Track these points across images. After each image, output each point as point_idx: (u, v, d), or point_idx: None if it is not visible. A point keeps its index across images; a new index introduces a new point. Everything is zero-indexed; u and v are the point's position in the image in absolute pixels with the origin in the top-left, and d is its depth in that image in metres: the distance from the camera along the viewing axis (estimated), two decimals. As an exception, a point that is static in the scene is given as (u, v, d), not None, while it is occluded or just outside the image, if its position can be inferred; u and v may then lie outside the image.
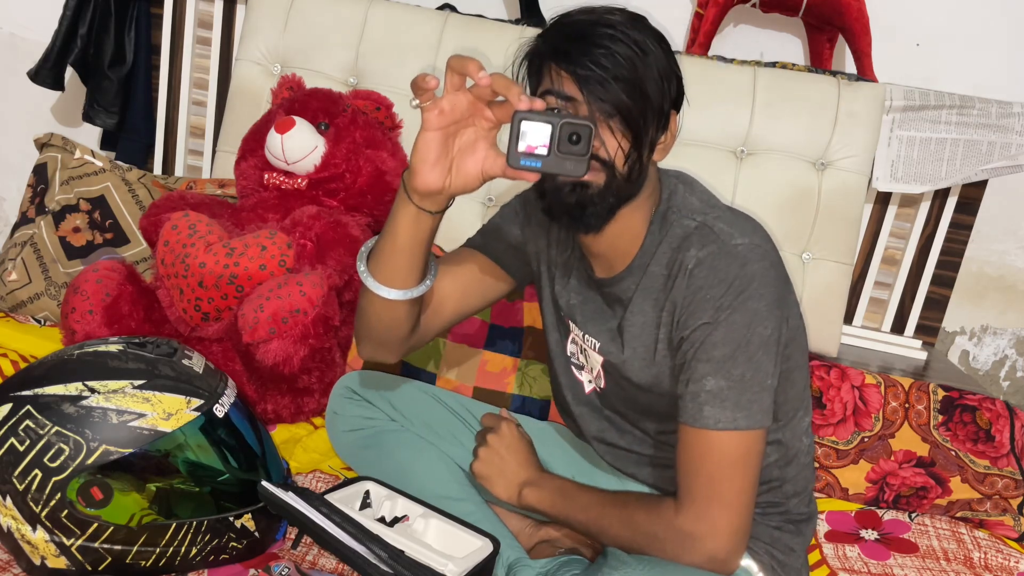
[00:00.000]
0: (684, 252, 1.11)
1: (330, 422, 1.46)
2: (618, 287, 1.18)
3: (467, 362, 1.67)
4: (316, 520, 1.14)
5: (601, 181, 1.07)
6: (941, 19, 2.03)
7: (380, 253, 1.12)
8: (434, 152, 1.00)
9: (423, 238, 1.09)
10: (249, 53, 2.03)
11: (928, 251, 2.05)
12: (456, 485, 1.35)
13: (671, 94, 1.09)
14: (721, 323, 1.07)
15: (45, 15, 2.10)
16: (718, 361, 1.07)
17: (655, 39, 1.08)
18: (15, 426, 1.11)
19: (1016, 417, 1.62)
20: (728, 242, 1.09)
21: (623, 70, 1.03)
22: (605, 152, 1.06)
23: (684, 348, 1.10)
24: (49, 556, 1.13)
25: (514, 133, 0.95)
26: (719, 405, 1.07)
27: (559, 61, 1.06)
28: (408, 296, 1.13)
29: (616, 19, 1.07)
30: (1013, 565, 1.46)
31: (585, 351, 1.26)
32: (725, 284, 1.07)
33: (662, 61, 1.07)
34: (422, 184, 1.02)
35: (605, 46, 1.04)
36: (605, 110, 1.04)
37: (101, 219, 1.81)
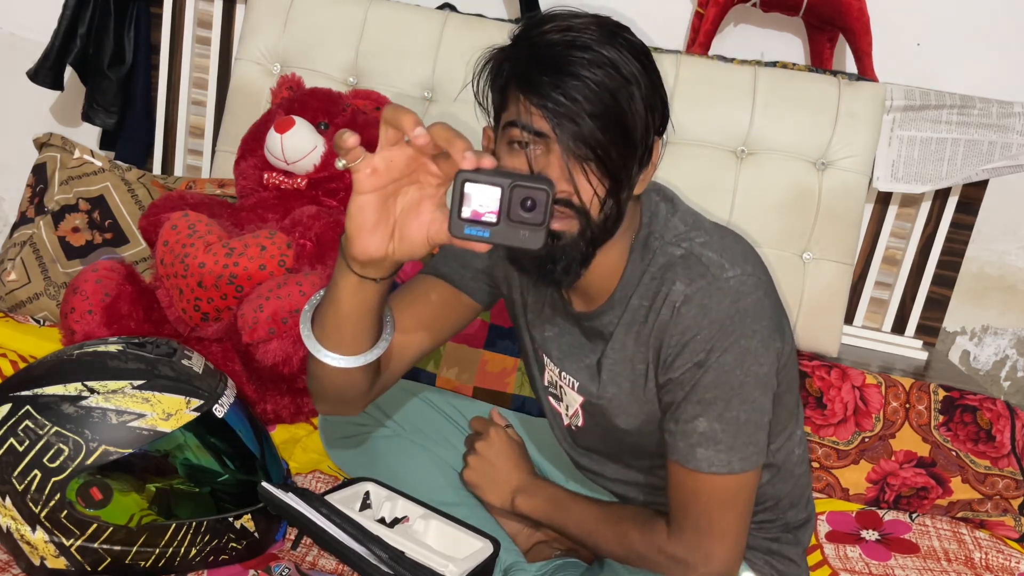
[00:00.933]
0: (669, 285, 1.02)
1: (323, 429, 1.45)
2: (598, 321, 1.09)
3: (467, 362, 1.66)
4: (316, 521, 1.14)
5: (574, 230, 0.96)
6: (941, 19, 2.03)
7: (323, 320, 0.99)
8: (371, 217, 0.86)
9: (370, 306, 0.96)
10: (249, 53, 2.02)
11: (929, 251, 2.05)
12: (451, 490, 1.34)
13: (655, 123, 0.98)
14: (712, 365, 1.00)
15: (45, 15, 2.09)
16: (710, 403, 1.01)
17: (637, 57, 0.95)
18: (14, 426, 1.11)
19: (1017, 417, 1.62)
20: (719, 276, 1.00)
21: (601, 104, 0.92)
22: (578, 199, 0.95)
23: (672, 388, 1.04)
24: (48, 556, 1.13)
25: (456, 196, 0.80)
26: (712, 448, 1.02)
27: (527, 92, 0.93)
28: (359, 363, 1.00)
29: (592, 37, 0.93)
30: (1014, 565, 1.46)
31: (562, 388, 1.18)
32: (716, 324, 0.99)
33: (646, 87, 0.95)
34: (361, 253, 0.88)
35: (580, 76, 0.91)
36: (579, 153, 0.93)
37: (100, 219, 1.81)
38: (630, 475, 1.21)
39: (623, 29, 0.97)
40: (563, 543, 1.37)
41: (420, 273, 1.21)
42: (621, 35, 0.96)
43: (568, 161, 0.93)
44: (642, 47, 0.97)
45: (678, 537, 1.07)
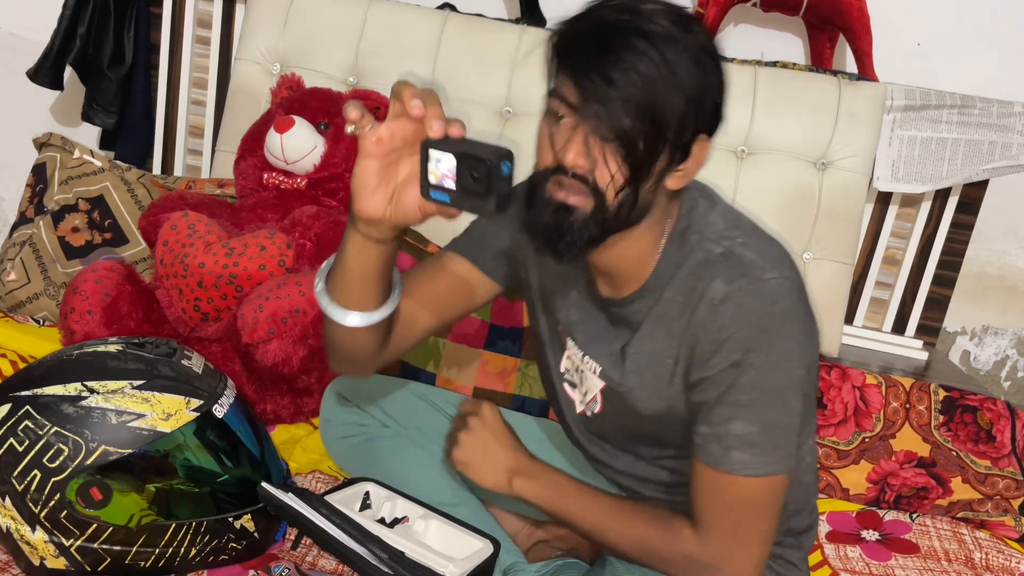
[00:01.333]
0: (708, 283, 1.01)
1: (323, 429, 1.44)
2: (627, 309, 1.09)
3: (467, 362, 1.66)
4: (316, 521, 1.14)
5: (587, 208, 0.96)
6: (942, 19, 2.03)
7: (335, 277, 1.04)
8: (372, 180, 0.92)
9: (374, 266, 1.00)
10: (248, 52, 2.02)
11: (929, 251, 2.04)
12: (450, 491, 1.34)
13: (697, 121, 0.96)
14: (750, 366, 0.99)
15: (45, 15, 2.09)
16: (746, 406, 1.00)
17: (695, 53, 0.94)
18: (14, 426, 1.11)
19: (1017, 417, 1.62)
20: (759, 276, 1.00)
21: (635, 91, 0.91)
22: (595, 179, 0.95)
23: (706, 388, 1.02)
24: (48, 557, 1.13)
25: (422, 162, 0.88)
26: (748, 451, 1.01)
27: (567, 64, 0.95)
28: (364, 322, 1.04)
29: (656, 28, 0.92)
30: (1014, 566, 1.46)
31: (582, 372, 1.18)
32: (754, 325, 0.99)
33: (695, 85, 0.94)
34: (361, 211, 0.94)
35: (623, 59, 0.91)
36: (601, 133, 0.93)
37: (100, 219, 1.81)
38: (639, 468, 1.20)
39: (691, 21, 0.96)
40: (564, 543, 1.37)
41: (443, 250, 1.24)
42: (687, 27, 0.94)
43: (589, 139, 0.94)
44: (707, 45, 0.96)
45: (707, 540, 1.05)
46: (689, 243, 1.04)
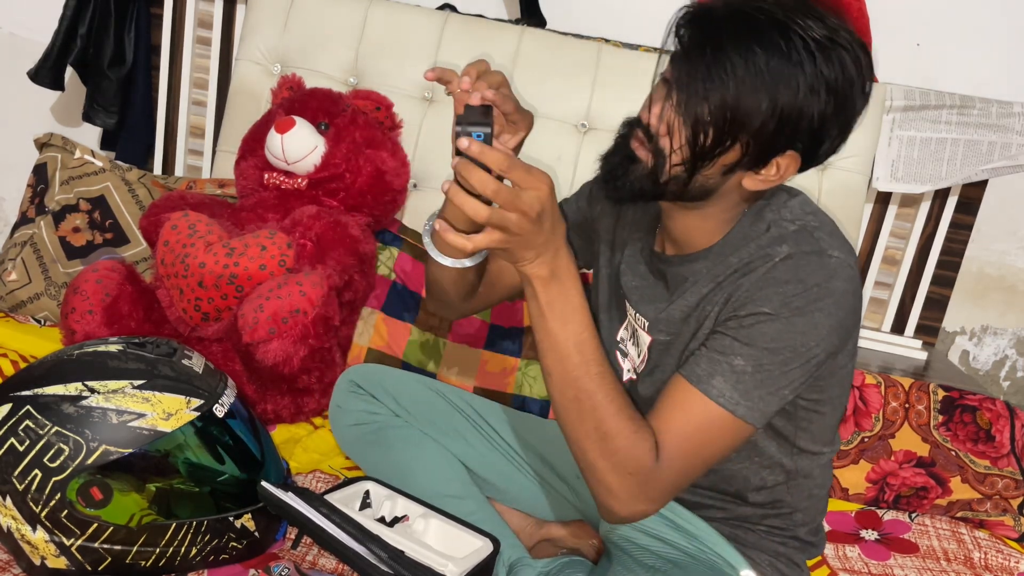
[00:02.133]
0: (774, 247, 1.04)
1: (333, 416, 1.45)
2: (687, 268, 1.12)
3: (467, 362, 1.67)
4: (316, 520, 1.14)
5: (648, 164, 1.03)
6: (941, 19, 2.03)
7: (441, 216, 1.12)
8: None
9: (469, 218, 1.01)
10: (249, 53, 2.03)
11: (928, 251, 2.05)
12: (458, 483, 1.34)
13: (787, 138, 0.99)
14: (781, 319, 1.01)
15: (45, 15, 2.09)
16: (758, 348, 1.01)
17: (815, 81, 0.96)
18: (15, 426, 1.11)
19: (1016, 417, 1.62)
20: (825, 250, 1.03)
21: (723, 89, 0.96)
22: (660, 142, 1.01)
23: (729, 323, 1.04)
24: (49, 556, 1.13)
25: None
26: (731, 383, 1.02)
27: (678, 37, 1.00)
28: (456, 265, 1.12)
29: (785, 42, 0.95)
30: (1013, 565, 1.46)
31: (636, 333, 1.19)
32: (803, 285, 1.01)
33: (795, 103, 0.96)
34: None
35: (730, 58, 0.95)
36: (678, 108, 0.99)
37: (101, 219, 1.81)
38: None
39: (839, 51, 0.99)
40: (567, 542, 1.38)
41: None
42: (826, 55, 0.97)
43: (667, 107, 1.00)
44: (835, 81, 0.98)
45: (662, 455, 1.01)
46: (765, 219, 1.08)
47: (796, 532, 1.20)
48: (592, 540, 1.36)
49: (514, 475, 1.38)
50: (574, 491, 1.36)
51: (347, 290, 1.61)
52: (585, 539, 1.37)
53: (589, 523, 1.38)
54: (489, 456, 1.38)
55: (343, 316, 1.59)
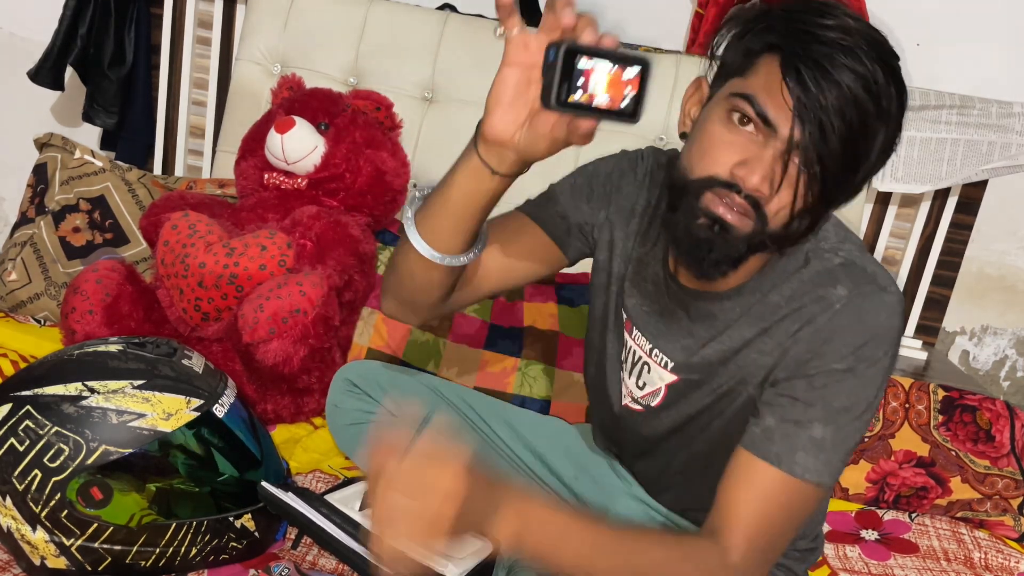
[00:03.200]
0: (827, 288, 0.96)
1: (330, 415, 1.44)
2: (716, 305, 1.03)
3: (467, 362, 1.67)
4: (316, 521, 1.14)
5: (747, 229, 0.91)
6: (941, 19, 2.03)
7: (430, 204, 0.97)
8: (509, 93, 0.84)
9: (480, 201, 0.94)
10: (249, 53, 2.03)
11: (928, 251, 2.05)
12: None
13: (877, 167, 0.92)
14: (856, 374, 0.95)
15: (45, 15, 2.09)
16: (835, 411, 0.95)
17: (900, 96, 0.90)
18: (15, 426, 1.11)
19: (1016, 417, 1.62)
20: (884, 287, 0.97)
21: (850, 122, 0.86)
22: (772, 204, 0.90)
23: (796, 385, 0.97)
24: (49, 556, 1.13)
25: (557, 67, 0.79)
26: (815, 454, 0.95)
27: (787, 77, 0.86)
28: (447, 262, 0.99)
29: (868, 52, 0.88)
30: (1013, 565, 1.46)
31: (646, 365, 1.12)
32: (871, 333, 0.95)
33: (893, 127, 0.90)
34: (490, 128, 0.86)
35: (844, 83, 0.86)
36: (809, 163, 0.87)
37: (101, 219, 1.81)
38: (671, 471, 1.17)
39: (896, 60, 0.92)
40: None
41: (516, 210, 1.17)
42: (893, 66, 0.90)
43: (787, 163, 0.88)
44: (905, 91, 0.91)
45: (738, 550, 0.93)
46: (802, 250, 1.00)
47: (795, 544, 1.19)
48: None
49: (511, 475, 1.38)
50: (571, 491, 1.35)
51: (347, 290, 1.61)
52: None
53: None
54: (485, 455, 1.37)
55: (343, 316, 1.59)
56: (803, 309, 0.98)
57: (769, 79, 0.88)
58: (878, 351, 0.95)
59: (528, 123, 0.86)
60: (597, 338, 1.20)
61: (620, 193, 1.14)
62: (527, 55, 0.82)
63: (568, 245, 1.16)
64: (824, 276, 0.98)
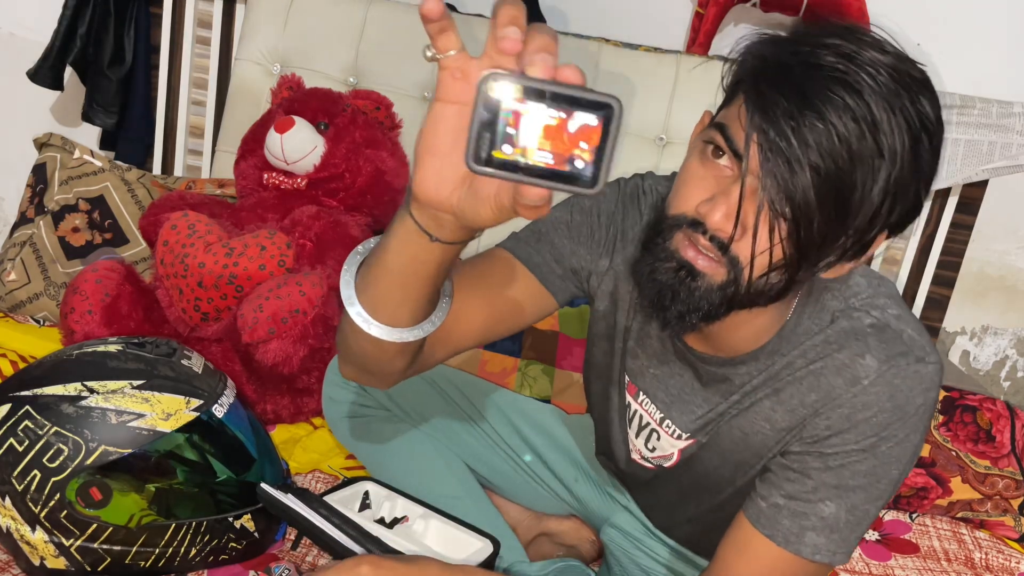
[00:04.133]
0: (853, 355, 0.86)
1: (326, 408, 1.42)
2: (730, 370, 0.93)
3: (467, 362, 1.66)
4: (315, 522, 1.14)
5: (718, 279, 0.80)
6: (941, 19, 2.03)
7: (368, 268, 0.77)
8: (446, 138, 0.62)
9: (424, 270, 0.73)
10: (249, 53, 2.02)
11: (929, 251, 2.04)
12: (455, 480, 1.33)
13: (891, 216, 0.78)
14: (877, 454, 0.87)
15: (45, 15, 2.09)
16: (850, 490, 0.88)
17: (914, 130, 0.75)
18: (14, 427, 1.11)
19: (1017, 417, 1.62)
20: (922, 358, 0.86)
21: (832, 162, 0.73)
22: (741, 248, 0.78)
23: (810, 461, 0.89)
24: (48, 556, 1.13)
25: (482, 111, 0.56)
26: (826, 535, 0.89)
27: (754, 107, 0.75)
28: (395, 338, 0.78)
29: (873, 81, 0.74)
30: (1014, 566, 1.46)
31: (655, 433, 1.03)
32: (900, 411, 0.86)
33: (903, 168, 0.75)
34: (418, 185, 0.65)
35: (827, 118, 0.73)
36: (775, 203, 0.75)
37: (100, 219, 1.81)
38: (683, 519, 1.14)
39: (921, 88, 0.77)
40: (565, 539, 1.37)
41: (499, 247, 1.00)
42: (912, 95, 0.76)
43: (759, 205, 0.76)
44: (931, 123, 0.77)
45: None
46: (828, 309, 0.90)
47: None
48: (591, 538, 1.36)
49: (509, 472, 1.37)
50: (571, 492, 1.35)
51: (347, 290, 1.61)
52: (584, 536, 1.37)
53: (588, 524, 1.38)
54: (483, 452, 1.37)
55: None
56: (823, 377, 0.88)
57: (736, 110, 0.78)
58: (906, 430, 0.87)
59: (468, 182, 0.64)
60: (598, 385, 1.11)
61: (626, 239, 1.00)
62: (467, 88, 0.60)
63: (560, 290, 1.01)
64: (850, 339, 0.88)
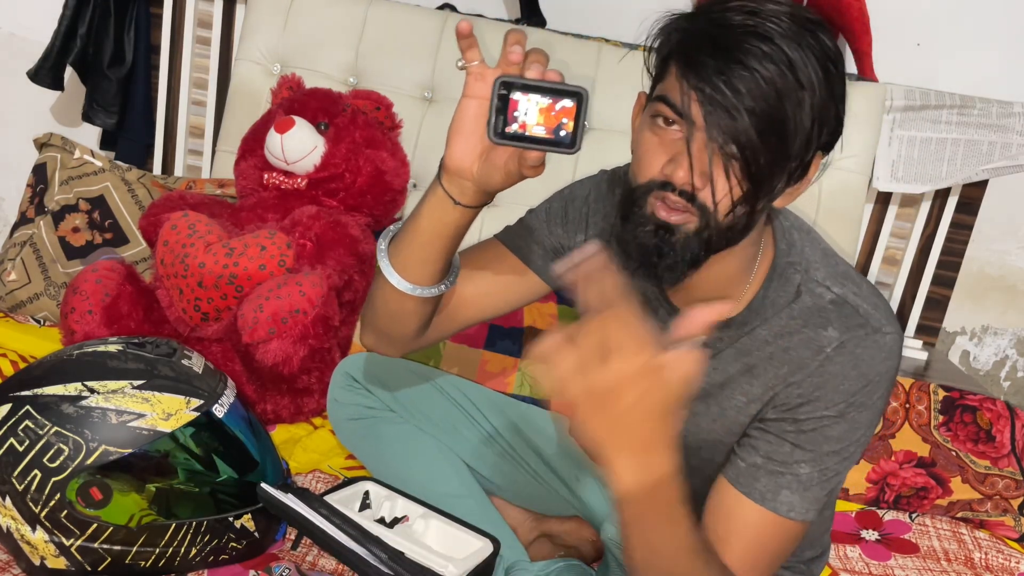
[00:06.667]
0: (817, 330, 0.96)
1: (331, 409, 1.44)
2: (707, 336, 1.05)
3: (467, 362, 1.66)
4: (315, 522, 1.14)
5: (691, 227, 0.90)
6: (941, 19, 2.03)
7: (401, 236, 0.99)
8: (468, 123, 0.87)
9: (446, 232, 0.95)
10: (249, 53, 2.02)
11: (929, 251, 2.05)
12: (457, 480, 1.34)
13: (820, 138, 0.90)
14: (845, 419, 0.96)
15: (45, 15, 2.09)
16: (823, 453, 0.96)
17: (822, 62, 0.86)
18: (14, 426, 1.11)
19: (1017, 417, 1.62)
20: (878, 328, 0.97)
21: (764, 103, 0.84)
22: (707, 195, 0.88)
23: (785, 427, 0.97)
24: (49, 556, 1.13)
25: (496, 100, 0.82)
26: (800, 493, 0.96)
27: (687, 70, 0.86)
28: (418, 293, 0.99)
29: (777, 29, 0.85)
30: (1014, 566, 1.46)
31: None
32: (865, 379, 0.96)
33: (821, 97, 0.86)
34: (449, 159, 0.89)
35: (749, 67, 0.84)
36: (725, 149, 0.86)
37: (100, 219, 1.81)
38: None
39: (817, 27, 0.88)
40: (565, 539, 1.37)
41: (493, 238, 1.17)
42: (813, 33, 0.87)
43: (710, 154, 0.86)
44: (833, 53, 0.88)
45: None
46: (792, 282, 0.99)
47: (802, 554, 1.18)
48: (592, 538, 1.36)
49: (511, 473, 1.38)
50: (572, 492, 1.35)
51: (347, 290, 1.61)
52: (585, 537, 1.37)
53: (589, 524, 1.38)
54: (486, 453, 1.38)
55: (343, 316, 1.59)
56: (791, 351, 0.97)
57: (674, 80, 0.89)
58: (872, 396, 0.97)
59: (486, 155, 0.88)
60: None
61: (598, 215, 1.13)
62: (484, 87, 0.85)
63: (542, 269, 1.14)
64: (814, 315, 0.97)
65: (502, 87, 0.81)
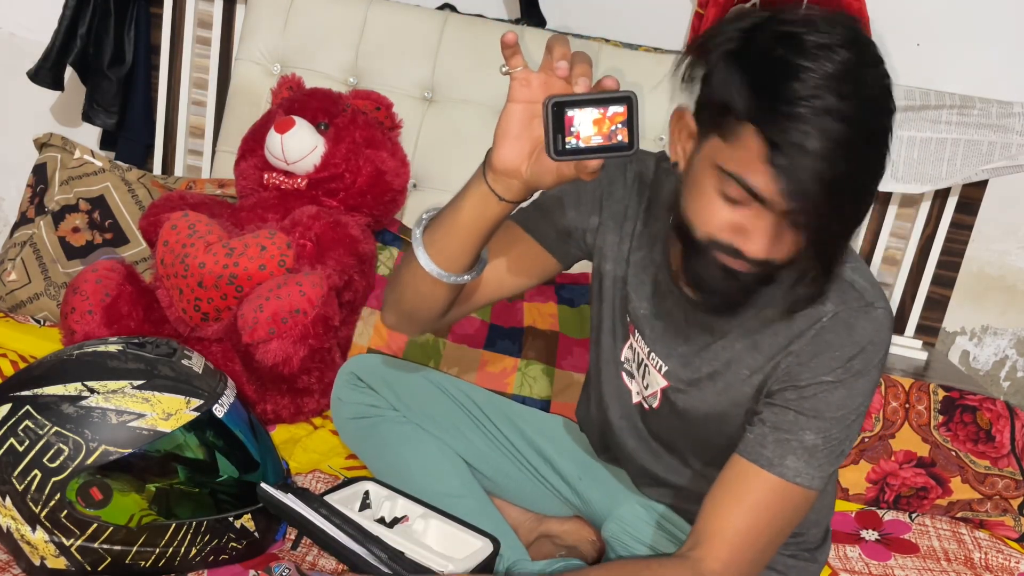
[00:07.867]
0: (817, 305, 1.01)
1: (334, 408, 1.43)
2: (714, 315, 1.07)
3: (467, 362, 1.66)
4: (315, 522, 1.14)
5: (757, 274, 0.96)
6: (941, 19, 2.03)
7: (437, 225, 1.02)
8: (515, 127, 0.90)
9: (486, 224, 0.99)
10: (249, 53, 2.02)
11: (928, 251, 2.05)
12: (457, 480, 1.34)
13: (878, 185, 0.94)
14: (844, 384, 1.00)
15: (45, 15, 2.09)
16: (825, 419, 1.01)
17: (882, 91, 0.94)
18: (14, 426, 1.11)
19: (1016, 417, 1.62)
20: (871, 302, 1.02)
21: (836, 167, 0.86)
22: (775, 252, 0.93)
23: (788, 396, 1.02)
24: (49, 556, 1.13)
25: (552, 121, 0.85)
26: (806, 459, 1.00)
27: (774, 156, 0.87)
28: (452, 281, 1.03)
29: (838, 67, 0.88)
30: (1014, 565, 1.46)
31: (645, 367, 1.16)
32: (858, 346, 1.00)
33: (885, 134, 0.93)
34: (497, 159, 0.92)
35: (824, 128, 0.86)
36: (797, 221, 0.90)
37: (100, 219, 1.81)
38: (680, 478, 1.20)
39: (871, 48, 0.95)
40: (566, 539, 1.37)
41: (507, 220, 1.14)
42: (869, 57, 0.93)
43: (782, 228, 0.91)
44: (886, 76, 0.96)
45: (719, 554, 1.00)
46: None
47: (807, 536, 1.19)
48: (592, 538, 1.36)
49: (513, 473, 1.38)
50: (575, 491, 1.36)
51: (347, 290, 1.61)
52: (585, 536, 1.37)
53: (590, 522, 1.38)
54: (489, 453, 1.38)
55: (343, 316, 1.59)
56: (792, 323, 1.02)
57: (750, 155, 0.89)
58: (867, 364, 1.01)
59: (535, 156, 0.91)
60: (600, 339, 1.22)
61: (611, 198, 1.16)
62: (529, 92, 0.89)
63: (561, 252, 1.19)
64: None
65: (554, 107, 0.83)
